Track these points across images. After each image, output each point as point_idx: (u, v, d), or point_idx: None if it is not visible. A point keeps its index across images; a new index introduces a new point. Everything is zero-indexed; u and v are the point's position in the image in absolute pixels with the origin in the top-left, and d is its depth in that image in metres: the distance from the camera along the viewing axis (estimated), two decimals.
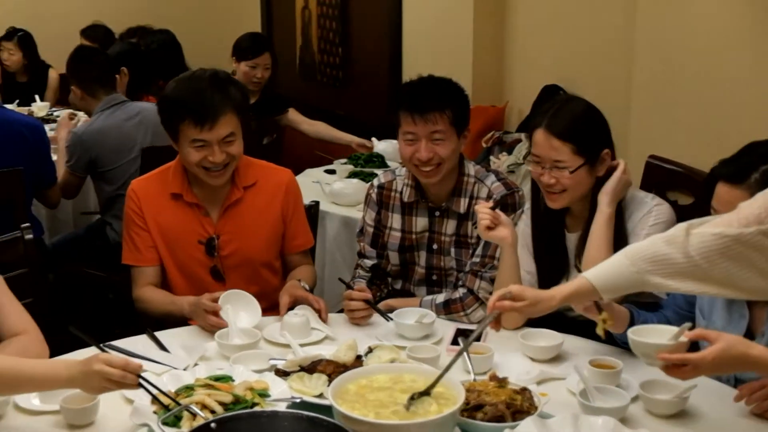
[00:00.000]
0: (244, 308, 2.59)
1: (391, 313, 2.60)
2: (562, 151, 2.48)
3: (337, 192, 3.96)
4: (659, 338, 1.96)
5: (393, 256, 2.91)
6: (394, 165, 4.42)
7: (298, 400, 2.07)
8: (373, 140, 4.79)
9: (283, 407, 2.01)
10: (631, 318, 2.26)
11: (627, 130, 3.80)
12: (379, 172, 3.40)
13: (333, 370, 2.17)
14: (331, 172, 4.45)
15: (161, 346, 2.46)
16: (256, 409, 1.98)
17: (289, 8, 6.73)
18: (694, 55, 3.52)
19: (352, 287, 2.69)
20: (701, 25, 3.48)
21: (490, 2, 4.85)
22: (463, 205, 2.80)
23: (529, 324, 2.52)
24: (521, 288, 2.14)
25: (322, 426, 1.78)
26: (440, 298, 2.74)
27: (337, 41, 6.10)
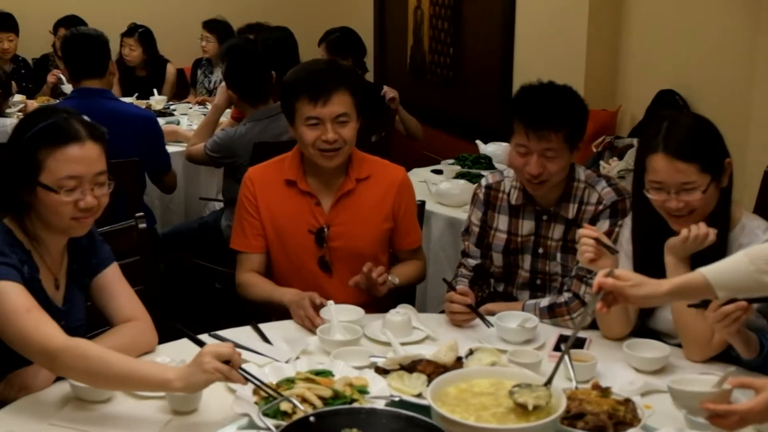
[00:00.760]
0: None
1: (491, 317, 2.58)
2: (689, 173, 2.30)
3: (444, 192, 3.96)
4: (701, 387, 1.89)
5: (497, 258, 2.88)
6: (502, 167, 4.39)
7: (397, 399, 2.07)
8: (478, 143, 4.77)
9: (381, 405, 2.01)
10: (761, 344, 2.19)
11: (745, 140, 3.68)
12: (487, 173, 3.37)
13: (433, 370, 2.16)
14: (438, 172, 4.45)
15: (264, 338, 2.49)
16: (355, 405, 1.98)
17: (401, 8, 6.75)
18: None
19: (454, 288, 2.68)
20: None
21: (606, 3, 4.75)
22: (572, 210, 2.75)
23: (635, 334, 2.46)
24: (625, 270, 2.09)
25: (420, 426, 1.78)
26: (544, 302, 2.70)
27: (448, 41, 6.08)
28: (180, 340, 2.32)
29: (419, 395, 2.08)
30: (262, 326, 2.56)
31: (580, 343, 2.41)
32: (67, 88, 5.49)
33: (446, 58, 6.15)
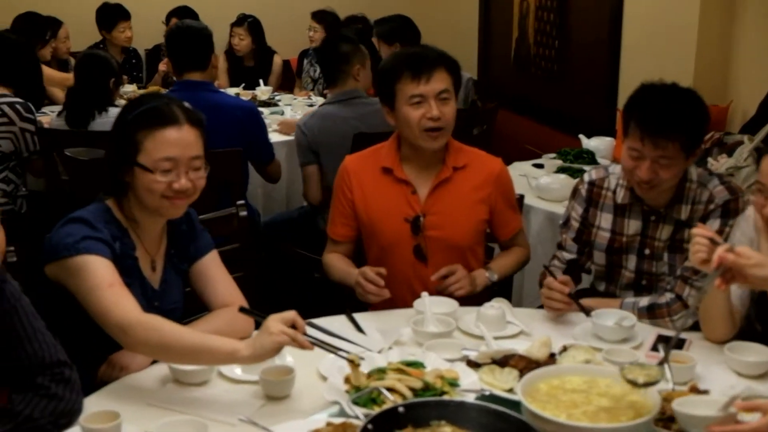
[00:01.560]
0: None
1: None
2: None
3: (544, 186, 3.91)
4: (707, 410, 1.83)
5: (599, 256, 2.82)
6: (605, 162, 4.31)
7: (487, 393, 2.05)
8: (581, 137, 4.69)
9: (471, 398, 2.00)
10: None
11: None
12: (589, 168, 3.31)
13: (525, 365, 2.14)
14: (539, 167, 4.39)
15: (358, 328, 2.51)
16: (445, 397, 1.98)
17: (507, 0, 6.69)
18: None
19: (554, 275, 2.63)
20: None
21: None
22: (684, 211, 2.65)
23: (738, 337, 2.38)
24: (748, 248, 2.04)
25: (509, 421, 1.76)
26: (644, 301, 2.62)
27: (554, 33, 5.99)
28: None
29: (510, 390, 2.06)
30: (357, 315, 2.59)
31: (680, 344, 2.35)
32: None
33: (551, 51, 6.06)
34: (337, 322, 2.54)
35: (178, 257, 2.44)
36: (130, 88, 6.05)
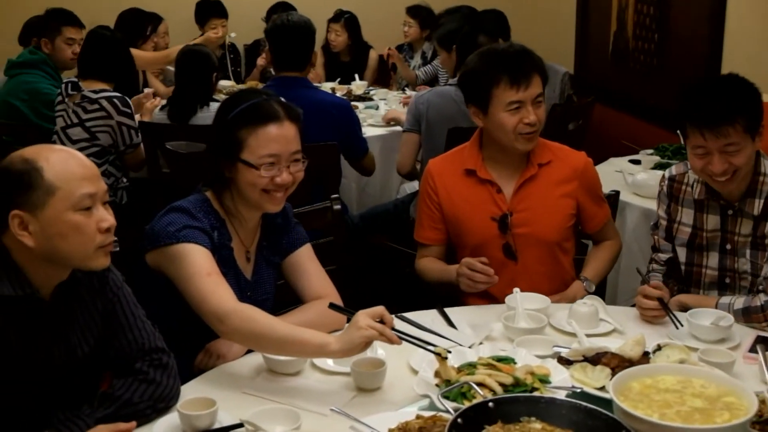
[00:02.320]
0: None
1: (684, 312, 2.49)
2: None
3: (640, 183, 3.84)
4: None
5: (681, 253, 2.77)
6: None
7: (578, 390, 2.04)
8: (680, 133, 4.57)
9: (562, 395, 1.99)
10: None
11: None
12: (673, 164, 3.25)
13: (617, 364, 2.11)
14: (636, 162, 4.32)
15: (449, 322, 2.53)
16: (535, 393, 1.98)
17: None
18: None
19: (647, 281, 2.59)
20: None
21: None
22: (757, 206, 2.59)
23: None
24: None
25: (600, 419, 1.75)
26: (739, 303, 2.56)
27: (653, 27, 5.87)
28: None
29: (602, 388, 2.04)
30: (449, 310, 2.59)
31: None
32: None
33: (650, 45, 5.93)
34: (429, 317, 2.55)
35: (269, 249, 2.49)
36: (228, 83, 6.15)
